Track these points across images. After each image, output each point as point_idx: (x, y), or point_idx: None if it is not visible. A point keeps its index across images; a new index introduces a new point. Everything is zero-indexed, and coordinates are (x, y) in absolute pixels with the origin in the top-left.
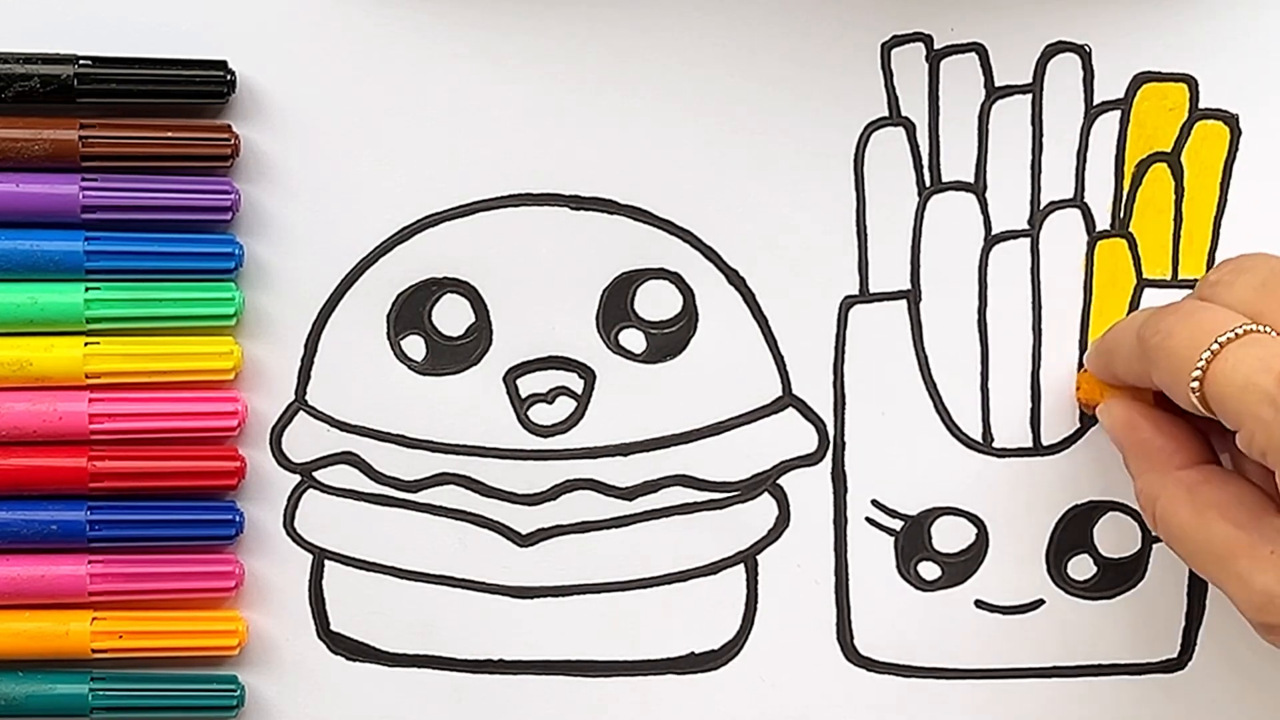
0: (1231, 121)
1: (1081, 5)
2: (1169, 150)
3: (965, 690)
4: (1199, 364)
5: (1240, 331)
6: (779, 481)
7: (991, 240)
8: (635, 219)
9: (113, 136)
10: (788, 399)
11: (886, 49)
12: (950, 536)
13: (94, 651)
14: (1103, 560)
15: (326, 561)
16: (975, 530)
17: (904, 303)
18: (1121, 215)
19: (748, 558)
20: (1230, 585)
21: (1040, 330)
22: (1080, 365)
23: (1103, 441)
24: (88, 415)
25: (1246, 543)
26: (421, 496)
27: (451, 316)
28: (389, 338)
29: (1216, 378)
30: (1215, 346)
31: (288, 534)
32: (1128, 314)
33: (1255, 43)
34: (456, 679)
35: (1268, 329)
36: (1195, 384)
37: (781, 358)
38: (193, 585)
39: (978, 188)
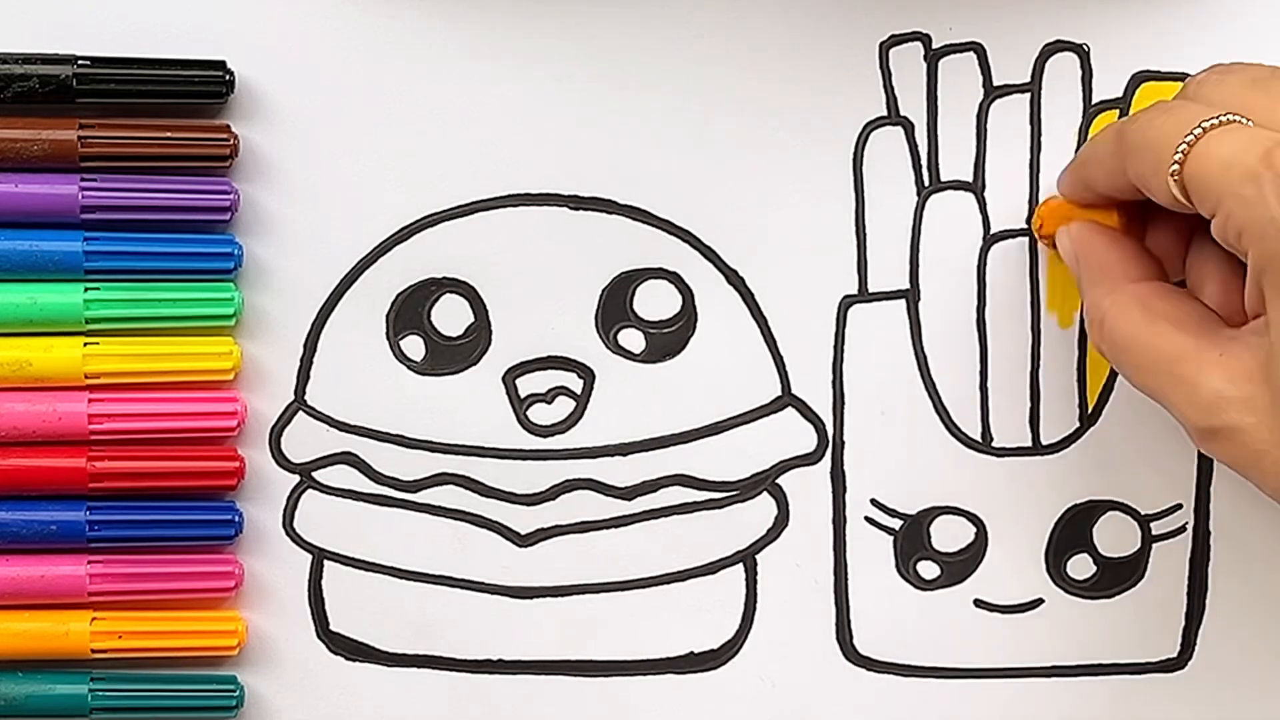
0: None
1: (1080, 4)
2: None
3: (964, 689)
4: (1180, 147)
5: (1225, 120)
6: (778, 481)
7: (990, 239)
8: (634, 219)
9: (112, 136)
10: (787, 398)
11: (885, 48)
12: (949, 536)
13: (94, 652)
14: (1102, 560)
15: (326, 561)
16: (974, 530)
17: (903, 302)
18: None
19: (747, 557)
20: (1177, 390)
21: (1039, 330)
22: (1081, 353)
23: (1103, 441)
24: (87, 415)
25: (1195, 347)
26: (421, 497)
27: (451, 316)
28: (388, 338)
29: (1198, 158)
30: (1199, 131)
31: (287, 534)
32: None
33: (1252, 42)
34: (456, 679)
35: (1253, 123)
36: (1175, 167)
37: (780, 357)
38: (192, 585)
39: (976, 187)
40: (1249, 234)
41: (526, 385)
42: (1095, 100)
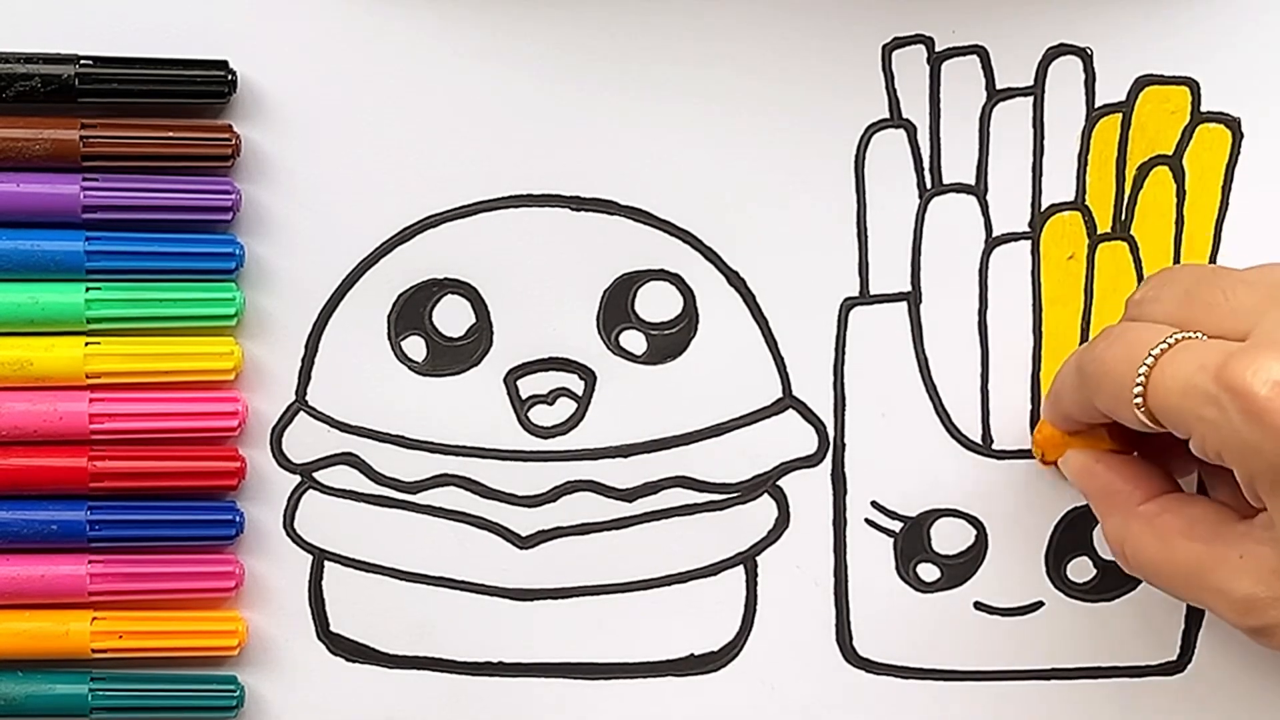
0: (1233, 125)
1: (1083, 7)
2: (1170, 153)
3: (964, 692)
4: (1138, 380)
5: (1172, 341)
6: (779, 483)
7: (992, 242)
8: (636, 220)
9: (113, 136)
10: (788, 400)
11: (887, 51)
12: (950, 538)
13: (94, 651)
14: (1102, 563)
15: (326, 562)
16: (975, 532)
17: (904, 304)
18: (1123, 218)
19: (747, 559)
20: (1212, 600)
21: (1040, 333)
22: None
23: None
24: (88, 415)
25: (1214, 556)
26: (421, 498)
27: (452, 317)
28: (389, 338)
29: (1157, 390)
30: (1150, 360)
31: (288, 534)
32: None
33: (1257, 45)
34: (456, 681)
35: (1198, 334)
36: (1139, 400)
37: (782, 359)
38: (193, 585)
39: (978, 190)
40: (1228, 454)
41: (528, 386)
42: (1098, 104)
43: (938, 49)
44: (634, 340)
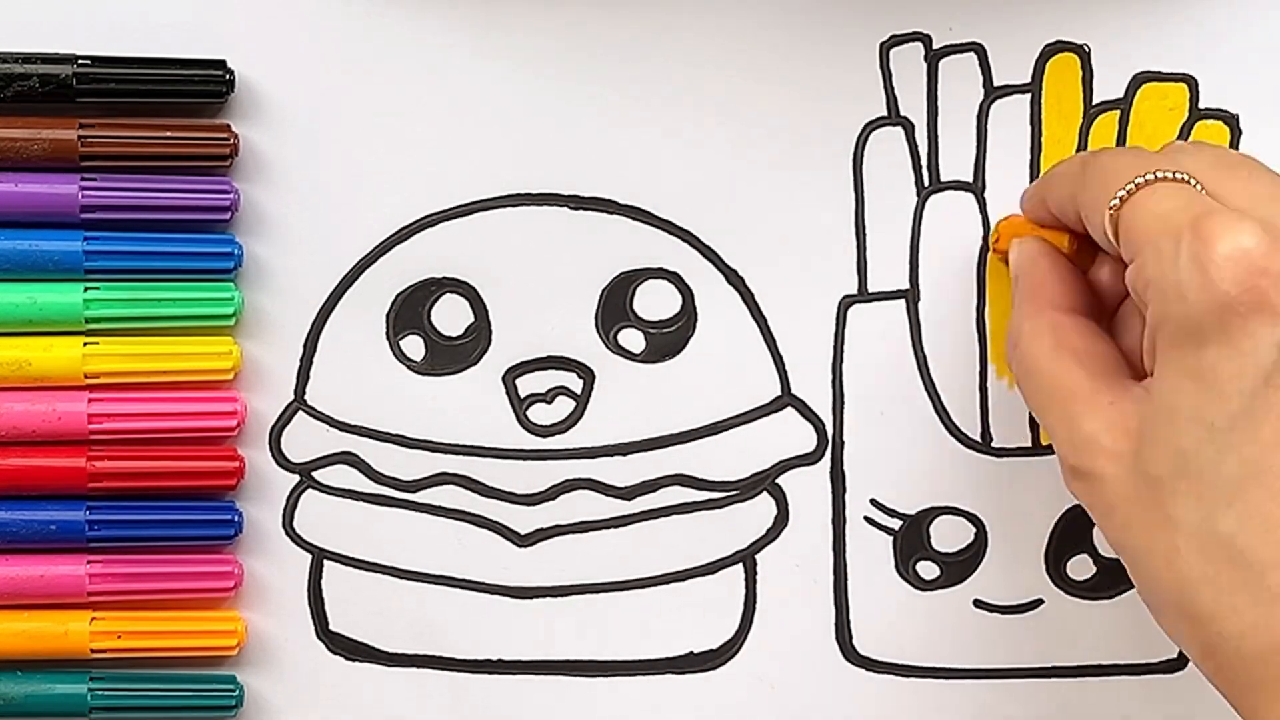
0: (1232, 121)
1: (1081, 5)
2: None
3: (964, 690)
4: (1128, 186)
5: (1178, 176)
6: (778, 481)
7: (991, 240)
8: (634, 219)
9: (112, 136)
10: (786, 398)
11: (885, 49)
12: (949, 536)
13: (93, 651)
14: (1102, 560)
15: (325, 561)
16: (974, 530)
17: (903, 302)
18: None
19: (746, 557)
20: (1059, 424)
21: None
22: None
23: None
24: (87, 415)
25: (1088, 388)
26: (421, 496)
27: (451, 316)
28: (388, 338)
29: (1136, 205)
30: (1149, 178)
31: (287, 534)
32: None
33: (1255, 42)
34: (455, 679)
35: (1205, 191)
36: (1114, 204)
37: (780, 357)
38: (192, 585)
39: (976, 187)
40: (1154, 288)
41: (526, 385)
42: (1096, 101)
43: (935, 46)
44: (633, 339)
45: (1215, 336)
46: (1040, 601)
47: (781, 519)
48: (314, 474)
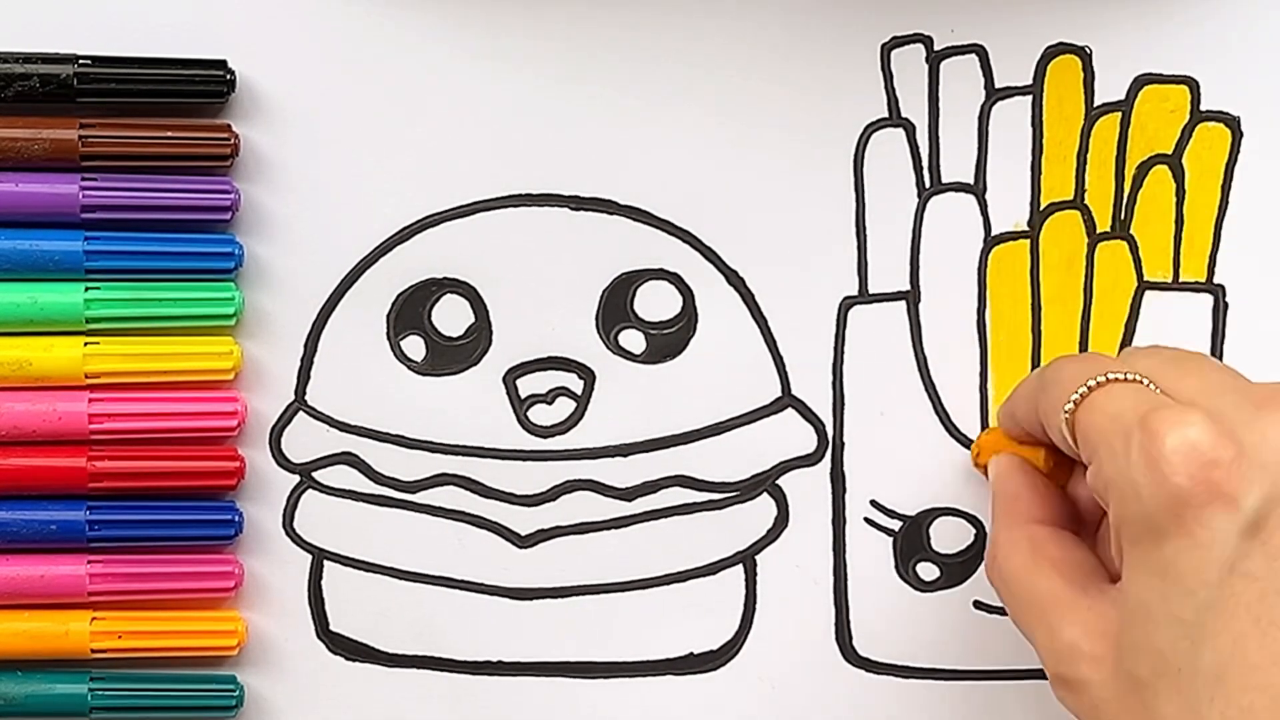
0: (1233, 124)
1: (1082, 7)
2: (1170, 152)
3: (963, 691)
4: (1080, 390)
5: (1130, 377)
6: (778, 482)
7: (991, 241)
8: (635, 219)
9: (112, 136)
10: (787, 399)
11: (886, 50)
12: (949, 537)
13: (93, 651)
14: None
15: (326, 562)
16: (974, 531)
17: (903, 303)
18: (1122, 217)
19: (747, 558)
20: (1039, 632)
21: (1040, 332)
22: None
23: None
24: (87, 415)
25: (1066, 597)
26: (421, 497)
27: (451, 317)
28: (389, 338)
29: (1089, 407)
30: (1100, 380)
31: (287, 534)
32: (1128, 317)
33: (1257, 45)
34: (455, 680)
35: (1158, 389)
36: (1070, 407)
37: (781, 358)
38: (192, 585)
39: (977, 189)
40: (1112, 488)
41: (527, 386)
42: (1097, 103)
43: (936, 48)
44: (633, 339)
45: (1173, 531)
46: None
47: (782, 520)
48: (314, 474)
